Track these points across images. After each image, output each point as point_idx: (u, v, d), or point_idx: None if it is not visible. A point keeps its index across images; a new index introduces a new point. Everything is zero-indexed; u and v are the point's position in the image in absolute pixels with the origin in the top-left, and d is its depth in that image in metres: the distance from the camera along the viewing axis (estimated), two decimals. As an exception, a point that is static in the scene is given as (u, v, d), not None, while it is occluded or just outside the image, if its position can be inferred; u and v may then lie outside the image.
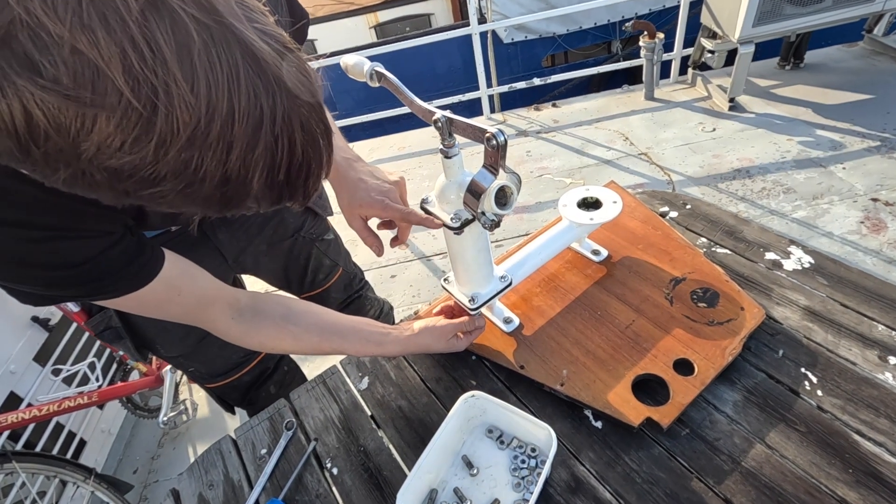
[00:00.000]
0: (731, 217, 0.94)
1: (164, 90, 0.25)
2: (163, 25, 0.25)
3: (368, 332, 0.72)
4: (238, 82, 0.27)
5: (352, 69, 0.62)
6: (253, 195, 0.31)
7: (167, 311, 0.59)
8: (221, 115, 0.27)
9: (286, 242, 0.95)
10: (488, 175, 0.52)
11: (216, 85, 0.26)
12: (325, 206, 1.01)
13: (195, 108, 0.26)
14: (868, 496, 0.55)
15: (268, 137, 0.29)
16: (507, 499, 0.62)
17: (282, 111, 0.29)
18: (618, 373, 0.70)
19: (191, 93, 0.26)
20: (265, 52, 0.28)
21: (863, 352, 0.69)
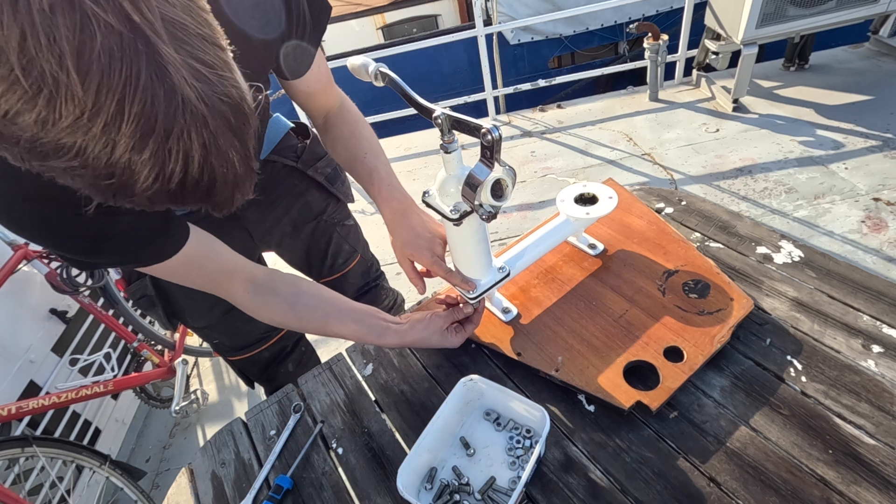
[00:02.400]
0: (724, 213, 0.97)
1: (53, 78, 0.27)
2: (68, 22, 0.26)
3: (370, 322, 0.76)
4: (134, 89, 0.28)
5: (357, 70, 0.65)
6: (142, 194, 0.33)
7: (192, 280, 0.68)
8: (108, 115, 0.28)
9: (309, 225, 1.02)
10: (484, 169, 0.55)
11: (108, 86, 0.28)
12: (347, 193, 1.07)
13: (81, 101, 0.28)
14: (846, 475, 0.58)
15: (157, 147, 0.30)
16: (502, 476, 0.66)
17: (180, 126, 0.31)
18: (610, 359, 0.73)
19: (80, 86, 0.27)
20: (177, 70, 0.30)
21: (847, 340, 0.71)
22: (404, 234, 0.76)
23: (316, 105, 0.83)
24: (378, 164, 0.81)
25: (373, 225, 2.30)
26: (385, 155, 0.84)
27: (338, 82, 0.85)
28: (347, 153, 0.83)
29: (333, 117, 0.85)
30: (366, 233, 1.17)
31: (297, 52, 0.70)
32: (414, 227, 0.76)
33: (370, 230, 2.18)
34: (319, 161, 0.99)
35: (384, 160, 0.83)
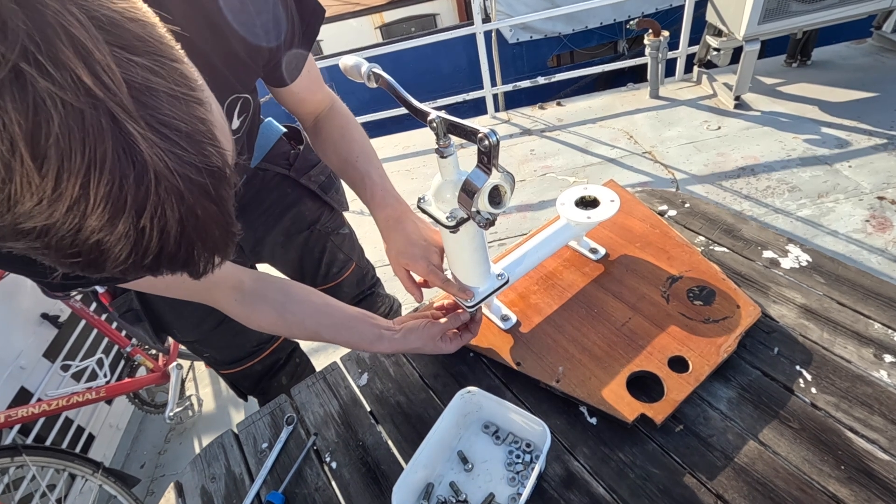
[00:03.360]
0: (729, 215, 0.94)
1: (6, 165, 0.24)
2: (20, 104, 0.23)
3: (362, 330, 0.73)
4: (100, 171, 0.25)
5: (350, 70, 0.63)
6: (113, 270, 0.30)
7: (175, 292, 0.65)
8: (70, 200, 0.25)
9: (302, 235, 0.99)
10: (482, 175, 0.52)
11: (70, 170, 0.25)
12: (342, 201, 1.04)
13: (39, 188, 0.25)
14: (860, 492, 0.56)
15: (129, 226, 0.28)
16: (501, 493, 0.63)
17: (153, 204, 0.28)
18: (613, 370, 0.71)
19: (37, 173, 0.24)
20: (147, 144, 0.27)
21: (858, 350, 0.69)
22: (399, 242, 0.74)
23: (306, 109, 0.80)
24: (370, 169, 0.78)
25: (370, 227, 2.28)
26: (378, 158, 0.81)
27: (336, 81, 0.83)
28: (338, 157, 0.80)
29: (323, 119, 0.82)
30: (364, 235, 1.14)
31: (288, 60, 0.67)
32: (409, 234, 0.73)
33: (367, 232, 2.14)
34: (313, 169, 0.96)
35: (377, 164, 0.80)
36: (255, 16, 0.56)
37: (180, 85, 0.28)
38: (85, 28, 0.24)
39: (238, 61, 0.58)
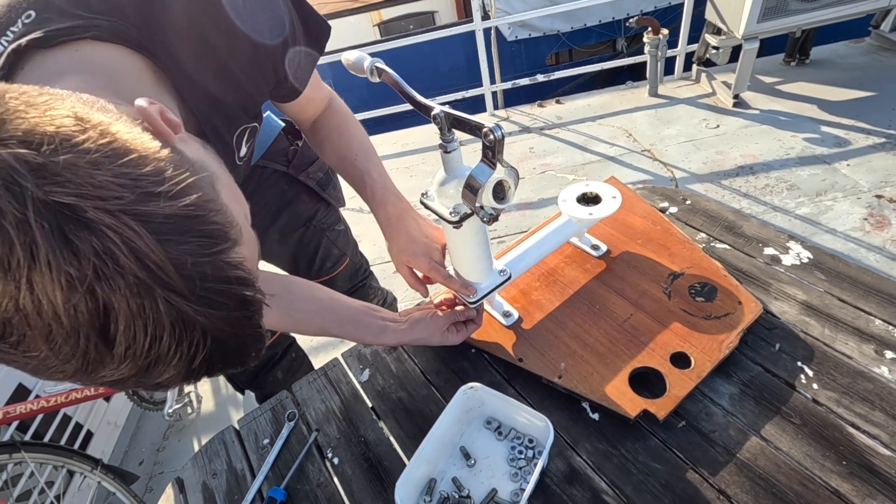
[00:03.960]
0: (730, 212, 0.95)
1: (83, 352, 0.27)
2: (92, 308, 0.26)
3: (368, 322, 0.73)
4: (159, 342, 0.29)
5: (353, 65, 0.62)
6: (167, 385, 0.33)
7: None
8: (137, 366, 0.29)
9: (298, 231, 0.98)
10: (486, 169, 0.52)
11: (135, 348, 0.28)
12: (339, 198, 1.03)
13: (111, 362, 0.29)
14: (861, 487, 0.56)
15: (182, 365, 0.31)
16: (504, 489, 0.63)
17: (203, 349, 0.31)
18: (615, 366, 0.71)
19: (109, 353, 0.28)
20: (196, 313, 0.29)
21: (859, 346, 0.69)
22: (401, 239, 0.73)
23: (307, 115, 0.79)
24: (370, 166, 0.77)
25: (369, 224, 2.27)
26: (377, 155, 0.80)
27: (335, 78, 0.82)
28: (337, 155, 0.79)
29: (321, 117, 0.81)
30: (363, 232, 1.14)
31: (294, 75, 0.65)
32: (410, 231, 0.73)
33: (367, 229, 2.13)
34: (311, 166, 0.95)
35: (376, 161, 0.79)
36: (261, 50, 0.55)
37: (223, 253, 0.31)
38: (140, 235, 0.27)
39: (246, 95, 0.58)
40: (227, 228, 0.32)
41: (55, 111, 0.28)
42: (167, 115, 0.37)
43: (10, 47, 0.42)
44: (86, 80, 0.42)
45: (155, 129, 0.35)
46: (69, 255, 0.25)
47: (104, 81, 0.43)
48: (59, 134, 0.27)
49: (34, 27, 0.42)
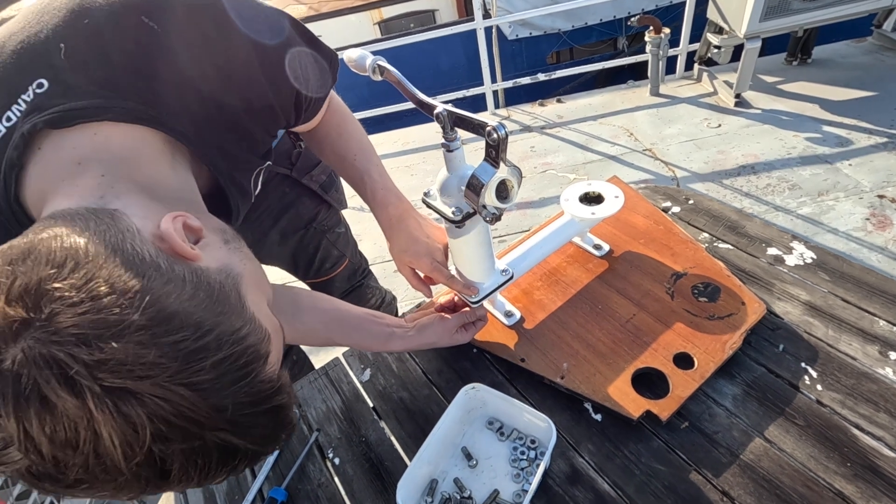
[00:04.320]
0: (733, 212, 0.94)
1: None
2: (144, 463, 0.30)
3: (374, 330, 0.73)
4: (211, 477, 0.34)
5: (355, 63, 0.62)
6: None
7: None
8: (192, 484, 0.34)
9: (298, 233, 0.98)
10: (489, 168, 0.52)
11: (188, 481, 0.33)
12: (341, 200, 1.02)
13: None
14: (866, 489, 0.56)
15: (226, 471, 0.35)
16: (506, 489, 0.63)
17: (246, 455, 0.35)
18: (618, 366, 0.70)
19: (167, 487, 0.32)
20: (239, 440, 0.34)
21: (863, 347, 0.69)
22: (402, 240, 0.73)
23: (311, 125, 0.76)
24: (370, 166, 0.76)
25: (369, 223, 2.27)
26: (376, 154, 0.79)
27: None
28: (335, 154, 0.77)
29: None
30: (364, 231, 1.14)
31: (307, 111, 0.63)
32: (412, 232, 0.72)
33: (367, 228, 2.12)
34: (315, 168, 0.94)
35: (376, 160, 0.78)
36: (276, 104, 0.53)
37: (258, 375, 0.35)
38: (186, 398, 0.31)
39: (260, 142, 0.57)
40: (258, 345, 0.36)
41: (94, 289, 0.30)
42: (189, 222, 0.39)
43: (25, 126, 0.40)
44: (107, 173, 0.41)
45: (177, 253, 0.37)
46: (128, 428, 0.29)
47: (125, 170, 0.42)
48: (106, 321, 0.29)
49: (48, 101, 0.41)
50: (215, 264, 0.39)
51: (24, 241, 0.32)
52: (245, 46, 0.47)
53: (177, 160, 0.47)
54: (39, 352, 0.28)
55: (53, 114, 0.40)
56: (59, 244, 0.32)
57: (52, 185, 0.41)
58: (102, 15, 0.42)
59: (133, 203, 0.40)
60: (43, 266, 0.30)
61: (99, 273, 0.31)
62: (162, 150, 0.46)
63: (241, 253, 0.45)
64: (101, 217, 0.36)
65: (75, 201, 0.39)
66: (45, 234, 0.33)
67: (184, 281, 0.35)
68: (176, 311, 0.32)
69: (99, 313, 0.29)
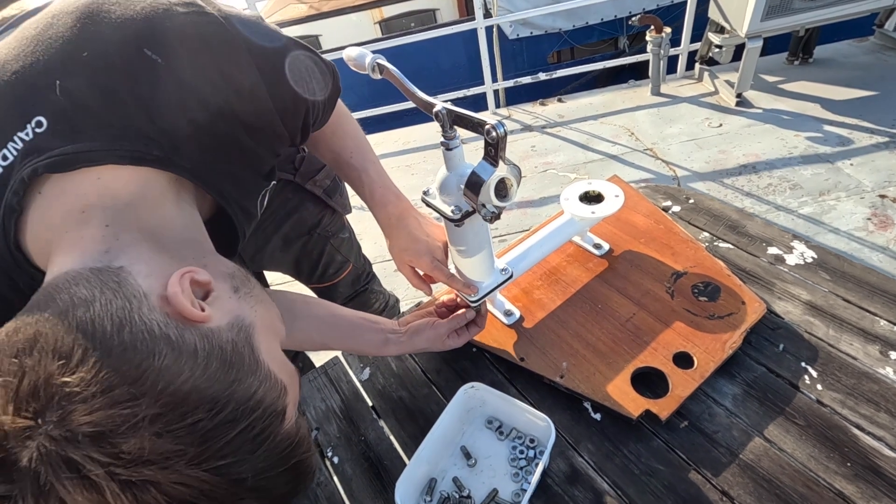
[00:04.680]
0: (733, 212, 0.94)
1: None
2: None
3: (369, 337, 0.73)
4: None
5: (354, 62, 0.62)
6: None
7: None
8: None
9: (301, 239, 0.97)
10: (488, 167, 0.52)
11: None
12: (345, 204, 1.01)
13: None
14: (866, 489, 0.56)
15: None
16: (505, 489, 0.63)
17: None
18: (617, 365, 0.70)
19: None
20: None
21: (864, 347, 0.69)
22: (402, 239, 0.73)
23: None
24: (367, 165, 0.75)
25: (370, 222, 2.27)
26: (373, 152, 0.78)
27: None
28: (331, 152, 0.76)
29: None
30: (364, 231, 1.13)
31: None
32: (412, 231, 0.72)
33: (368, 228, 2.12)
34: (318, 173, 0.92)
35: (373, 158, 0.77)
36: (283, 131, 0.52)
37: (277, 435, 0.36)
38: (206, 480, 0.31)
39: (266, 164, 0.55)
40: (274, 403, 0.36)
41: (105, 381, 0.30)
42: (197, 277, 0.38)
43: (26, 169, 0.38)
44: (111, 223, 0.40)
45: (185, 317, 0.36)
46: None
47: (129, 217, 0.41)
48: (119, 415, 0.29)
49: (47, 142, 0.39)
50: (226, 319, 0.39)
51: (29, 323, 0.32)
52: (251, 72, 0.45)
53: (182, 197, 0.46)
54: (55, 451, 0.27)
55: (55, 157, 0.38)
56: (65, 328, 0.31)
57: (56, 234, 0.39)
58: (103, 48, 0.40)
59: (139, 258, 0.39)
60: (50, 359, 0.29)
61: (108, 361, 0.30)
62: (166, 190, 0.44)
63: (252, 298, 0.43)
64: (106, 282, 0.35)
65: (80, 258, 0.38)
66: (49, 314, 0.32)
67: (195, 352, 0.34)
68: (190, 390, 0.32)
69: (112, 408, 0.29)
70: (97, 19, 0.40)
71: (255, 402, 0.35)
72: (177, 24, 0.42)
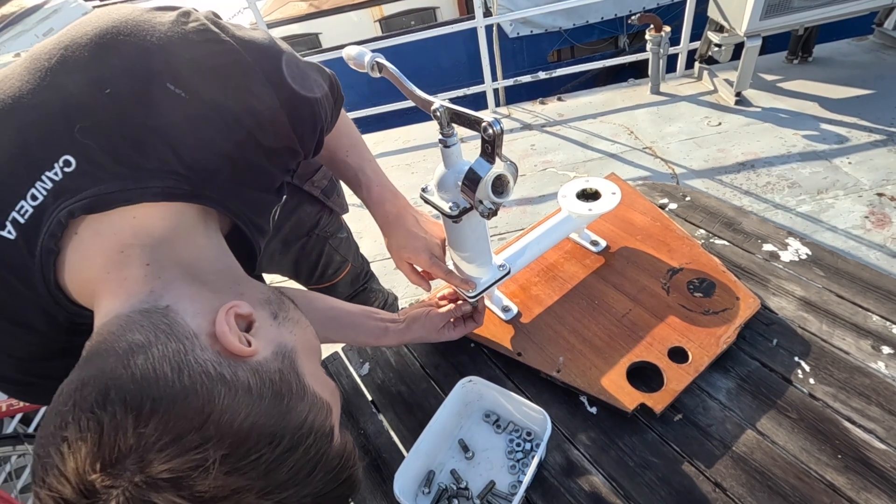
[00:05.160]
0: (729, 209, 0.95)
1: None
2: None
3: (368, 325, 0.74)
4: None
5: (354, 60, 0.63)
6: None
7: None
8: None
9: (300, 241, 0.97)
10: (485, 164, 0.53)
11: None
12: (343, 204, 1.02)
13: None
14: (856, 481, 0.57)
15: None
16: (502, 481, 0.64)
17: None
18: (613, 360, 0.71)
19: None
20: None
21: (857, 341, 0.70)
22: (400, 236, 0.73)
23: None
24: (363, 163, 0.75)
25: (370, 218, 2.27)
26: (368, 150, 0.78)
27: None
28: (327, 151, 0.75)
29: None
30: (365, 227, 1.14)
31: None
32: (409, 228, 0.73)
33: (367, 226, 2.11)
34: (316, 174, 0.92)
35: (368, 157, 0.77)
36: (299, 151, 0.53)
37: (328, 455, 0.37)
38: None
39: (277, 183, 0.55)
40: (323, 425, 0.38)
41: (174, 430, 0.31)
42: (240, 311, 0.40)
43: (61, 212, 0.38)
44: (152, 261, 0.40)
45: (234, 354, 0.37)
46: None
47: (168, 254, 0.42)
48: (192, 460, 0.31)
49: (78, 183, 0.39)
50: (270, 349, 0.40)
51: (95, 376, 0.33)
52: (271, 99, 0.45)
53: (209, 226, 0.47)
54: (139, 499, 0.29)
55: (89, 199, 0.39)
56: (130, 378, 0.32)
57: (97, 275, 0.40)
58: (125, 84, 0.40)
59: (183, 295, 0.40)
60: (124, 413, 0.31)
61: (174, 410, 0.32)
62: (197, 222, 0.45)
63: (290, 322, 0.45)
64: (157, 325, 0.36)
65: (126, 300, 0.39)
66: (112, 365, 0.33)
67: (249, 388, 0.35)
68: (250, 427, 0.34)
69: (185, 454, 0.31)
70: (114, 52, 0.40)
71: (306, 428, 0.37)
72: (195, 55, 0.42)
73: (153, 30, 0.42)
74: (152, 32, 0.42)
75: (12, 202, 0.39)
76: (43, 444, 0.31)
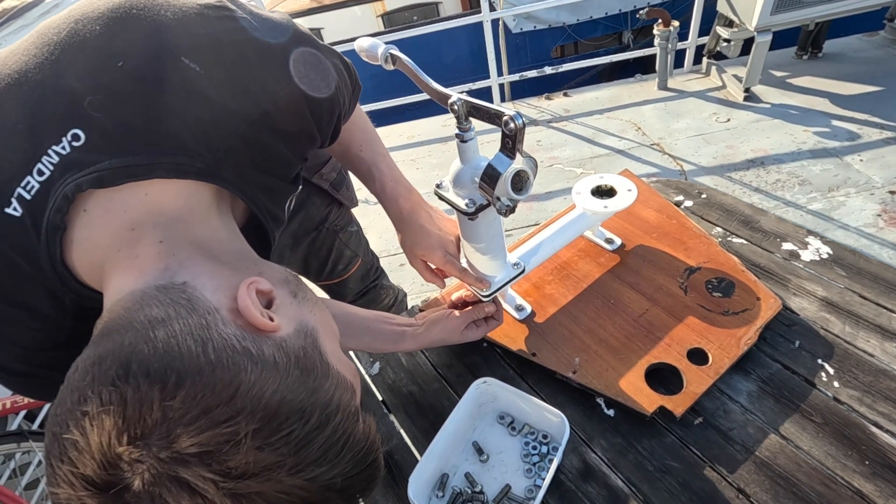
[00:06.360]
0: (746, 207, 0.93)
1: None
2: None
3: (385, 330, 0.72)
4: None
5: (366, 52, 0.61)
6: None
7: None
8: None
9: (310, 235, 0.96)
10: (505, 159, 0.51)
11: None
12: (352, 197, 1.00)
13: None
14: (885, 488, 0.55)
15: None
16: (518, 485, 0.62)
17: None
18: (630, 361, 0.70)
19: None
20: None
21: (881, 343, 0.68)
22: (414, 233, 0.71)
23: None
24: (377, 158, 0.73)
25: (375, 216, 2.25)
26: (382, 144, 0.76)
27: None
28: (340, 145, 0.73)
29: None
30: (371, 222, 1.12)
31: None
32: (423, 224, 0.71)
33: (373, 222, 2.11)
34: (325, 166, 0.91)
35: (382, 151, 0.75)
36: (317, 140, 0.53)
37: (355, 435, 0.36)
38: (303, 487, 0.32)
39: (293, 171, 0.55)
40: (349, 404, 0.37)
41: (203, 402, 0.30)
42: (260, 287, 0.38)
43: (68, 185, 0.37)
44: (165, 239, 0.39)
45: (258, 328, 0.36)
46: None
47: (181, 232, 0.40)
48: (222, 434, 0.29)
49: (87, 157, 0.37)
50: (292, 326, 0.38)
51: (114, 350, 0.31)
52: (289, 80, 0.44)
53: (222, 209, 0.45)
54: (166, 473, 0.28)
55: (98, 172, 0.37)
56: (152, 351, 0.31)
57: (108, 254, 0.38)
58: (139, 58, 0.38)
59: (200, 271, 0.38)
60: (148, 385, 0.29)
61: (202, 382, 0.30)
62: (211, 203, 0.43)
63: (309, 302, 0.43)
64: (176, 300, 0.35)
65: (139, 277, 0.37)
66: (132, 339, 0.32)
67: (275, 363, 0.34)
68: (280, 401, 0.33)
69: (214, 428, 0.29)
70: (128, 26, 0.39)
71: (333, 405, 0.35)
72: (212, 31, 0.41)
73: (168, 5, 0.40)
74: (167, 8, 0.40)
75: (18, 178, 0.37)
76: (59, 422, 0.30)
